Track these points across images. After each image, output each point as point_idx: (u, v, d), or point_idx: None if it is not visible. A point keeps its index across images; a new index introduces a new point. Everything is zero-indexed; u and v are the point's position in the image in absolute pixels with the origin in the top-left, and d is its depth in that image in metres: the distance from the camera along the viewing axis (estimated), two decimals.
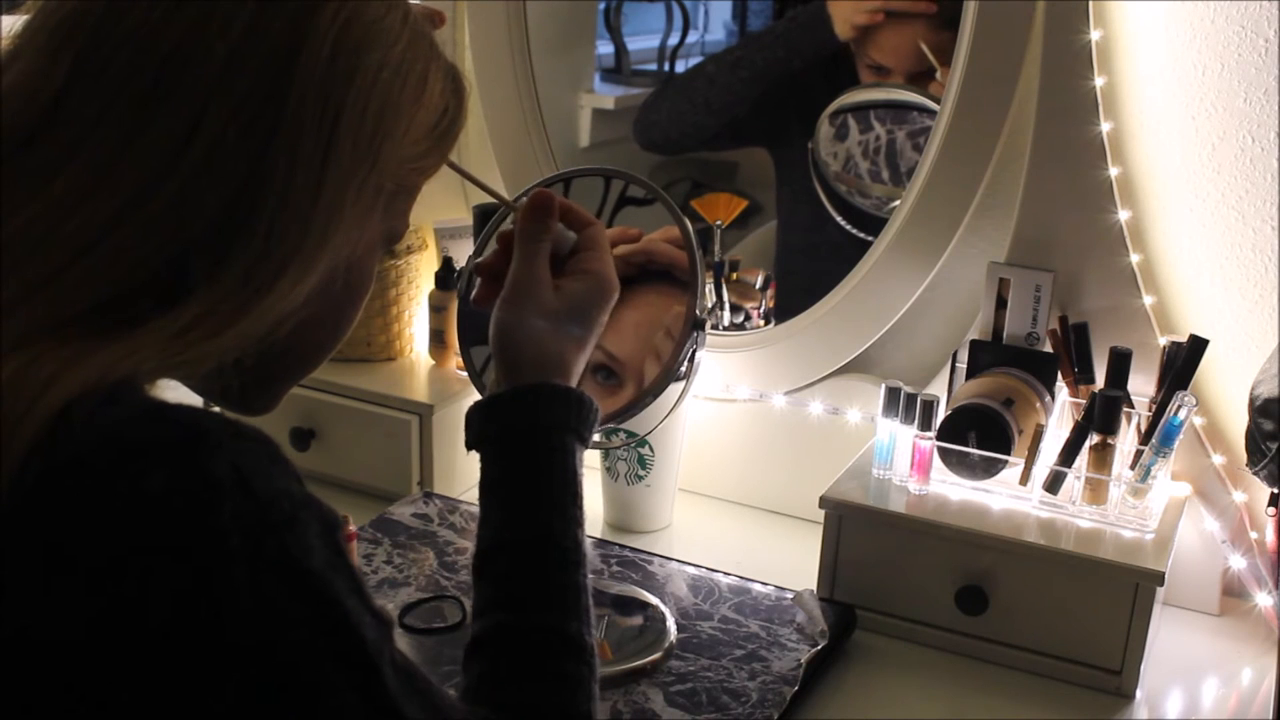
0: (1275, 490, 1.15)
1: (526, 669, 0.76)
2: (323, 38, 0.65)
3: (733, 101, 1.60)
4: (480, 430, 0.83)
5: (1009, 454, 1.19)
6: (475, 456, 0.84)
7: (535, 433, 0.81)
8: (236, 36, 0.63)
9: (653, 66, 1.85)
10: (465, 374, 1.29)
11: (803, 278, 1.58)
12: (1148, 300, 1.26)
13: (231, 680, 0.57)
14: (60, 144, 0.63)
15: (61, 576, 0.56)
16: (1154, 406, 1.22)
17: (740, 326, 1.54)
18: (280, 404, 0.82)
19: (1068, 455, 1.19)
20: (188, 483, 0.57)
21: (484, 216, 1.38)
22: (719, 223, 1.57)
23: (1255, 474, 1.14)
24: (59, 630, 0.56)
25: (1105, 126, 1.23)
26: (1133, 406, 1.24)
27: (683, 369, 1.04)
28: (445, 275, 1.51)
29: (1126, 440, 1.22)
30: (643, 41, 1.84)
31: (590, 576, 1.24)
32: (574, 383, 0.84)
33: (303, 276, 0.66)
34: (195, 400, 0.72)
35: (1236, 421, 1.23)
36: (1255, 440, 1.13)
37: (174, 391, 0.74)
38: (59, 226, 0.62)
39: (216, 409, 0.79)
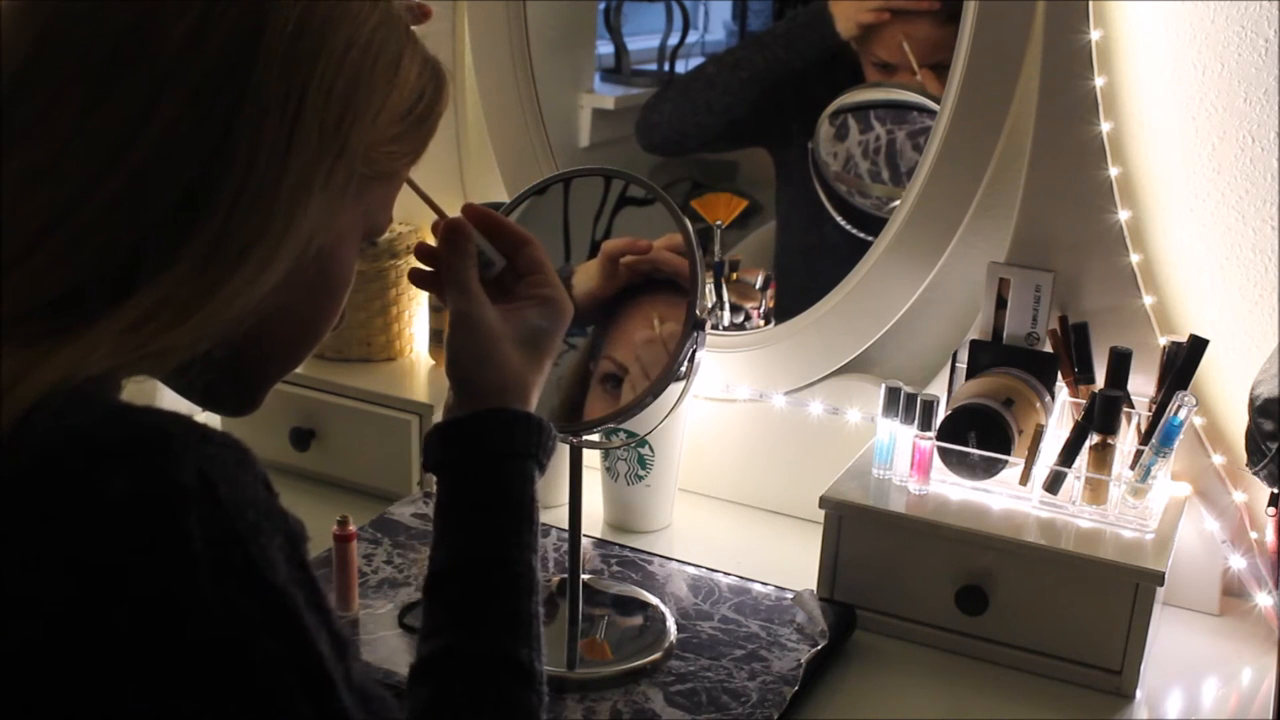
0: (1275, 490, 1.15)
1: (477, 694, 0.75)
2: (286, 16, 0.64)
3: (733, 102, 1.60)
4: (439, 454, 0.82)
5: (1009, 454, 1.19)
6: None
7: (493, 458, 0.80)
8: (194, 17, 0.62)
9: (653, 66, 1.85)
10: None
11: (803, 278, 1.58)
12: (1148, 300, 1.26)
13: (190, 686, 0.56)
14: (19, 120, 0.62)
15: (25, 580, 0.56)
16: (1154, 406, 1.22)
17: (740, 326, 1.54)
18: (280, 404, 0.81)
19: (1068, 455, 1.19)
20: (153, 487, 0.56)
21: None
22: (719, 223, 1.57)
23: (1255, 474, 1.14)
24: (23, 634, 0.56)
25: (1105, 126, 1.23)
26: (1133, 406, 1.24)
27: (683, 369, 1.04)
28: None
29: (1126, 440, 1.22)
30: (643, 41, 1.83)
31: (590, 576, 1.25)
32: (533, 405, 0.83)
33: (267, 263, 0.64)
34: (173, 402, 0.71)
35: (1236, 421, 1.23)
36: (1255, 440, 1.13)
37: (165, 395, 0.73)
38: (17, 207, 0.60)
39: (190, 412, 0.78)
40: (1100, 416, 1.17)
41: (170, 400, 0.74)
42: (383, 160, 0.71)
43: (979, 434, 1.20)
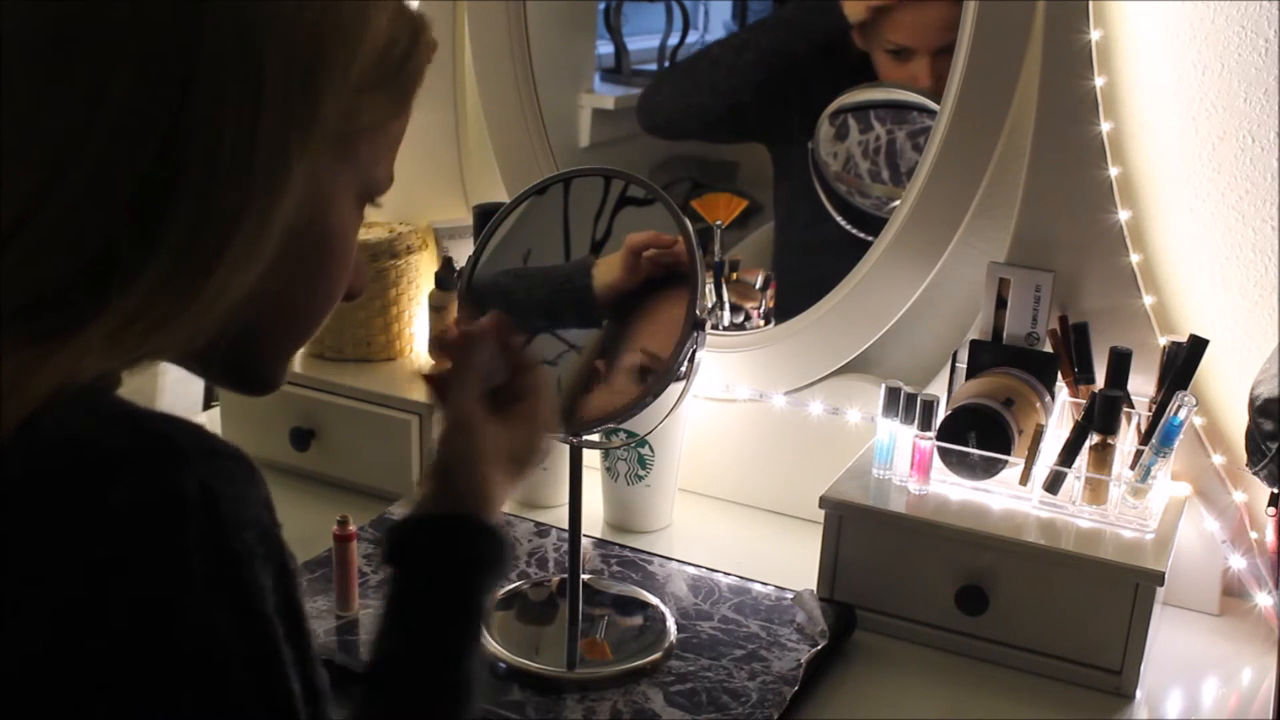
0: (1275, 490, 1.15)
1: None
2: None
3: (736, 85, 1.58)
4: (401, 549, 0.80)
5: (1009, 454, 1.19)
6: None
7: (461, 564, 0.80)
8: None
9: (653, 66, 1.85)
10: None
11: (802, 276, 1.58)
12: (1148, 300, 1.26)
13: (158, 698, 0.56)
14: None
15: (21, 587, 0.55)
16: (1154, 406, 1.22)
17: (740, 326, 1.54)
18: (280, 404, 0.80)
19: (1068, 455, 1.19)
20: (152, 497, 0.56)
21: (484, 216, 1.38)
22: (719, 223, 1.57)
23: (1255, 474, 1.14)
24: (16, 642, 0.55)
25: (1105, 126, 1.23)
26: (1133, 406, 1.24)
27: (683, 369, 1.04)
28: (445, 275, 1.51)
29: (1126, 440, 1.22)
30: (643, 41, 1.84)
31: (590, 576, 1.25)
32: (497, 515, 0.84)
33: (254, 240, 0.61)
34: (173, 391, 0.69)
35: (1236, 421, 1.23)
36: (1255, 440, 1.13)
37: (168, 386, 0.73)
38: None
39: (197, 418, 0.77)
40: (1100, 416, 1.17)
41: (171, 390, 0.73)
42: (363, 114, 0.67)
43: (979, 434, 1.20)
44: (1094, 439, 1.18)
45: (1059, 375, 1.28)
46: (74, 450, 0.57)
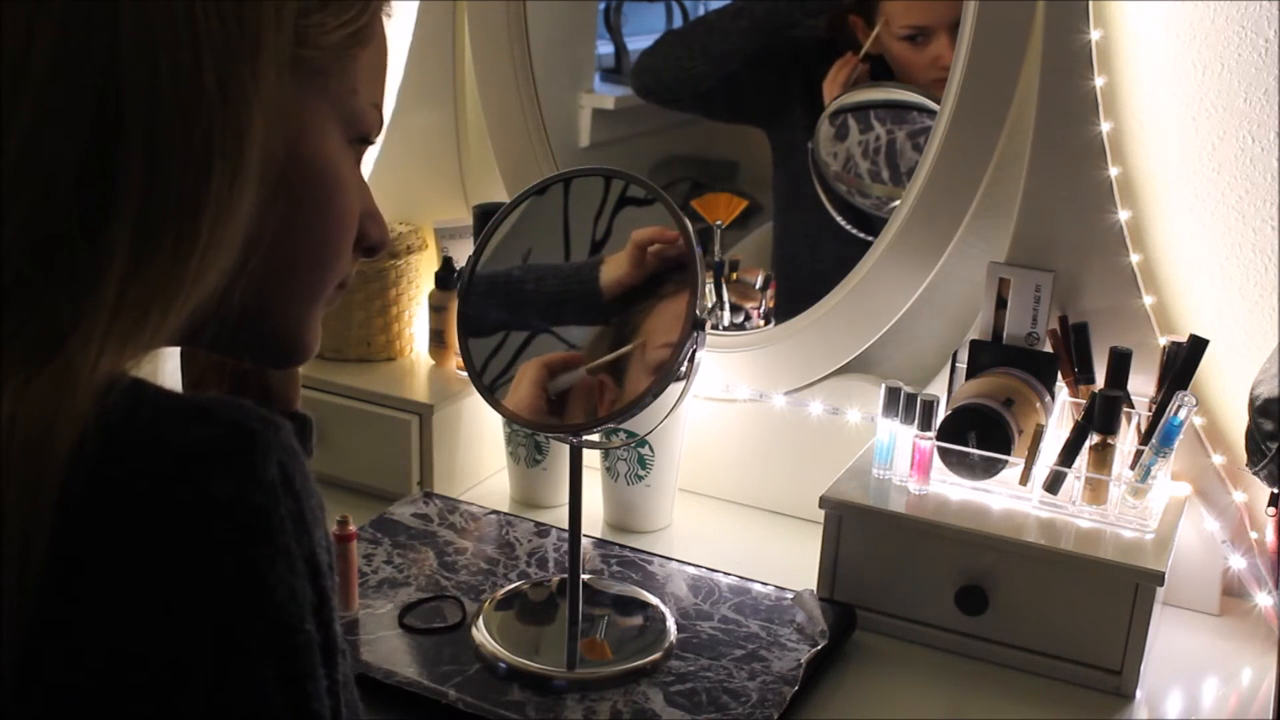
0: (1275, 490, 1.15)
1: None
2: None
3: (730, 50, 1.57)
4: None
5: (1009, 454, 1.19)
6: (476, 456, 0.82)
7: None
8: None
9: None
10: (465, 374, 1.29)
11: (802, 265, 1.58)
12: (1148, 300, 1.26)
13: (258, 665, 0.57)
14: None
15: (122, 586, 0.55)
16: (1154, 406, 1.22)
17: (740, 326, 1.54)
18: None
19: (1068, 455, 1.19)
20: (247, 486, 0.56)
21: (484, 216, 1.38)
22: (719, 223, 1.57)
23: (1255, 474, 1.14)
24: (118, 639, 0.55)
25: (1105, 126, 1.23)
26: (1133, 406, 1.24)
27: (683, 369, 1.04)
28: (445, 275, 1.51)
29: (1126, 440, 1.22)
30: (643, 41, 1.83)
31: (590, 576, 1.25)
32: None
33: (233, 179, 0.58)
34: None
35: (1236, 421, 1.23)
36: (1255, 440, 1.13)
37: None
38: None
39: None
40: (1100, 416, 1.17)
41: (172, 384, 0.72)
42: (316, 36, 0.64)
43: (979, 434, 1.20)
44: (1094, 439, 1.18)
45: (1059, 375, 1.28)
46: (157, 448, 0.56)
